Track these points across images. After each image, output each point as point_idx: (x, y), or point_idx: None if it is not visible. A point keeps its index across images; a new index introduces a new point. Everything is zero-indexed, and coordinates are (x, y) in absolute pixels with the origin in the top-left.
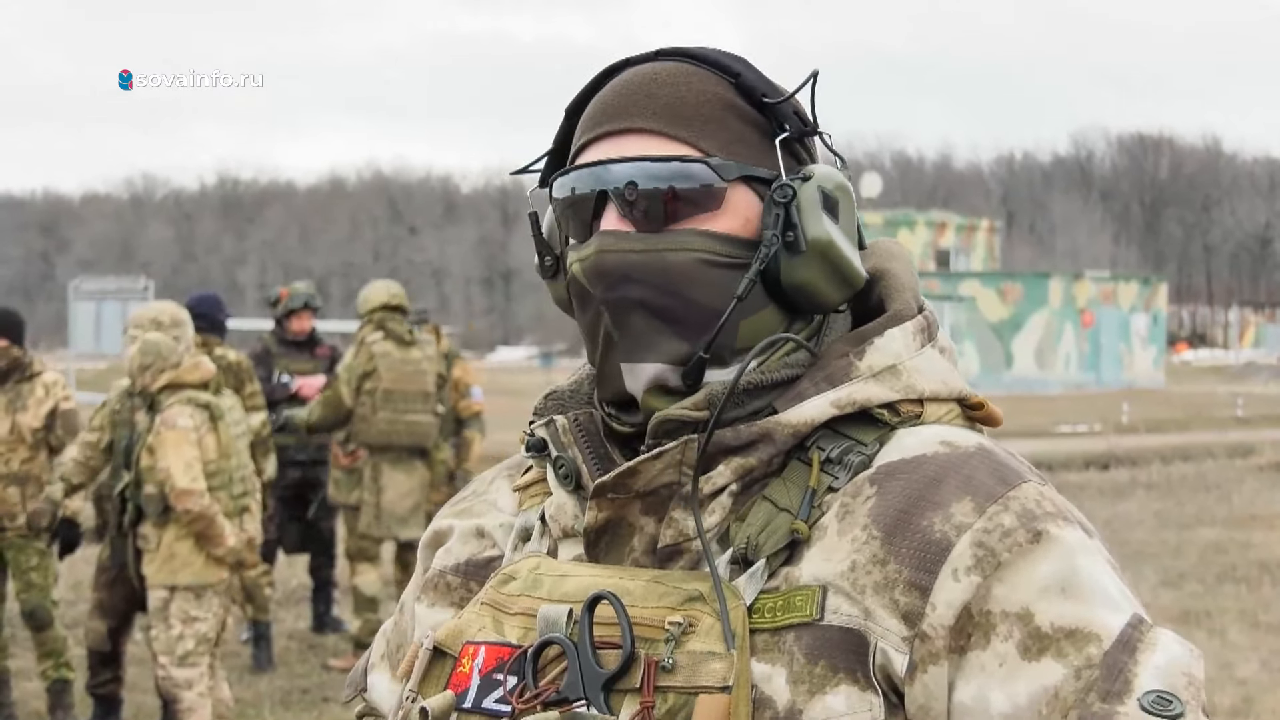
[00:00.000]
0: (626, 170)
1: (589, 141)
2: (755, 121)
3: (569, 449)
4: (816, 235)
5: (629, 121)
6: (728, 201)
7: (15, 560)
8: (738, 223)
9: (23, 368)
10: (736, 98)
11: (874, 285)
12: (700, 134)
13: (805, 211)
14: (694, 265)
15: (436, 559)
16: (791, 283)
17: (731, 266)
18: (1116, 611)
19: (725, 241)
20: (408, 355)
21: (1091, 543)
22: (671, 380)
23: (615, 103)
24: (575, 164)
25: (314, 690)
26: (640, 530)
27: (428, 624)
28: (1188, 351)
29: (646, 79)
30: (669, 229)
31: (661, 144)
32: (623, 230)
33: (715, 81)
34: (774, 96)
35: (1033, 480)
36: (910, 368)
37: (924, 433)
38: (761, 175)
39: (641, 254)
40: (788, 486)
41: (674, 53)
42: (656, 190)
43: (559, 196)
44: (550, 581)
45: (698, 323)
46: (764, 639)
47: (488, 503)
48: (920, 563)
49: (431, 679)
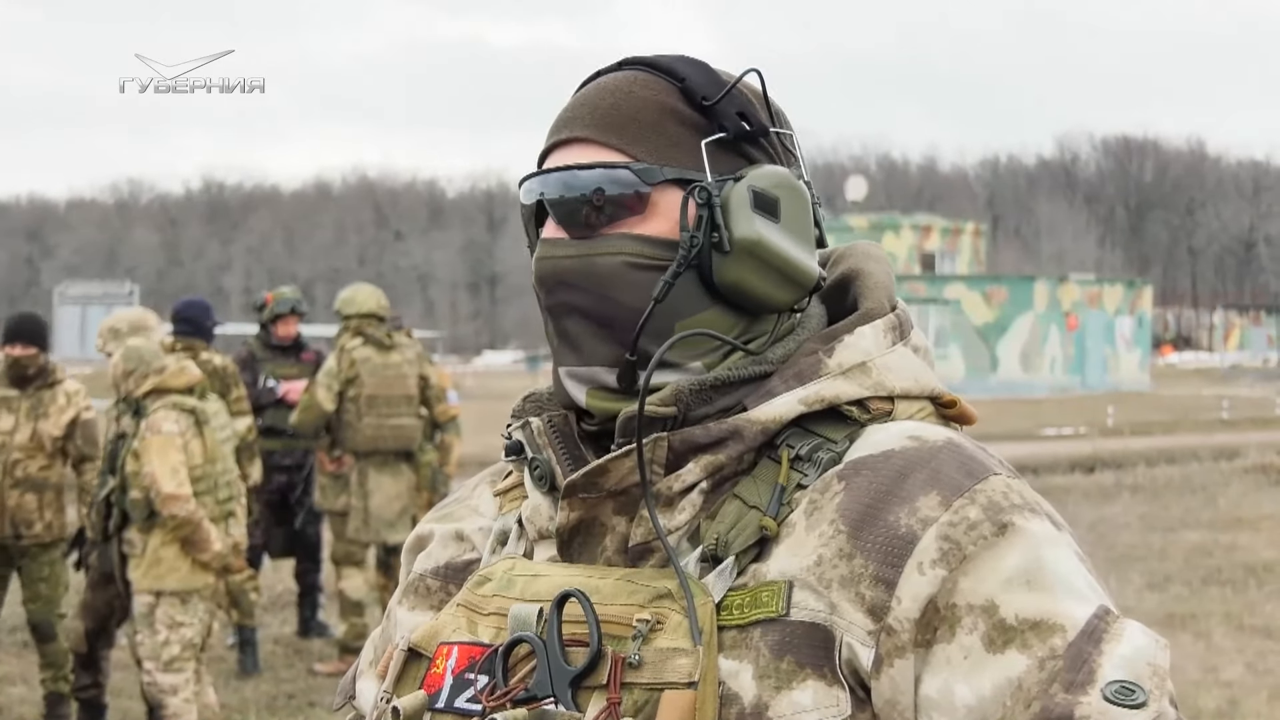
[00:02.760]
0: (555, 180)
1: (545, 152)
2: (695, 124)
3: (544, 450)
4: (744, 235)
5: (571, 131)
6: (655, 205)
7: (28, 569)
8: (667, 225)
9: (45, 374)
10: (679, 103)
11: (850, 286)
12: (632, 140)
13: (731, 211)
14: (620, 268)
15: (417, 563)
16: (724, 282)
17: (659, 268)
18: (1082, 602)
19: (652, 244)
20: (388, 360)
21: (1059, 534)
22: (608, 381)
23: (565, 114)
24: (527, 174)
25: (300, 695)
26: (612, 530)
27: (406, 626)
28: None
29: (597, 90)
30: (599, 234)
31: (595, 151)
32: (558, 237)
33: (661, 87)
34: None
35: (1001, 473)
36: (880, 365)
37: (893, 428)
38: (691, 178)
39: (572, 259)
40: (758, 484)
41: (635, 62)
42: (580, 197)
43: (521, 202)
44: (523, 582)
45: (628, 324)
46: (732, 635)
47: (469, 507)
48: (886, 557)
49: (407, 679)
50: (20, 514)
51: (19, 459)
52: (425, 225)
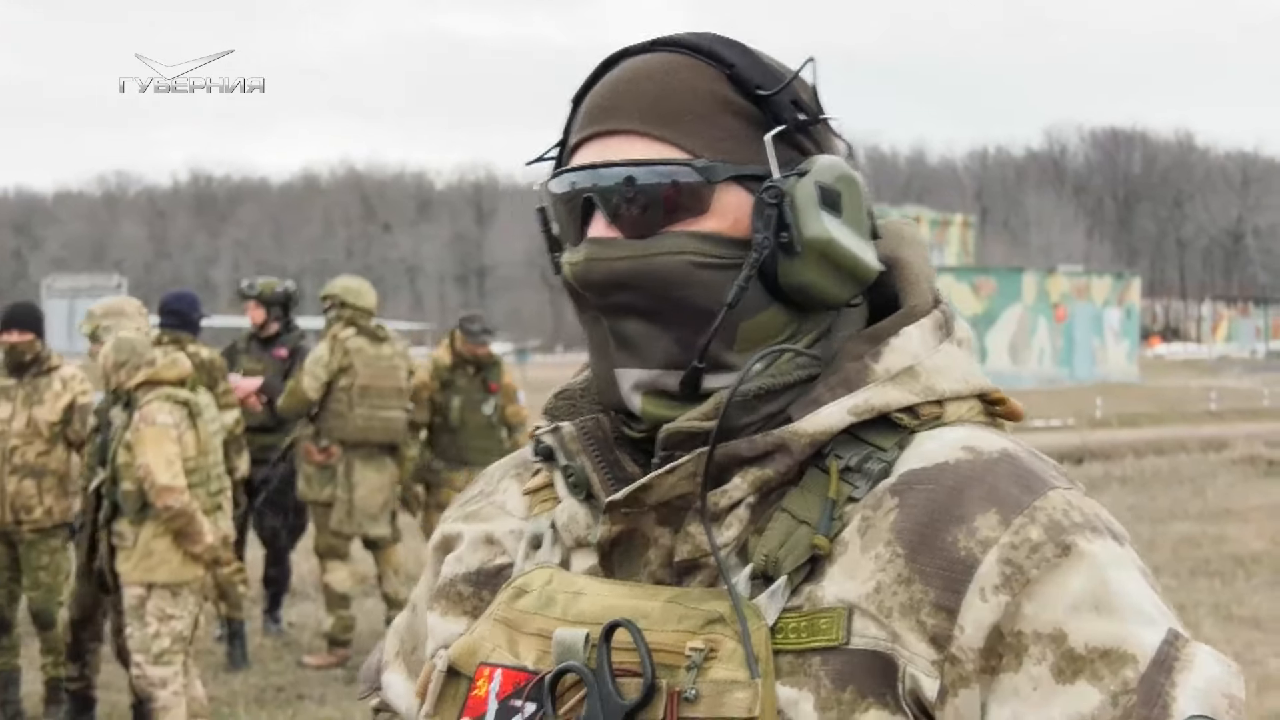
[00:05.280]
0: (609, 176)
1: (580, 142)
2: (749, 115)
3: (577, 457)
4: (814, 235)
5: (615, 122)
6: (716, 202)
7: (26, 557)
8: (727, 223)
9: (41, 361)
10: (730, 91)
11: (889, 273)
12: (686, 133)
13: (800, 210)
14: (684, 268)
15: (446, 566)
16: (790, 284)
17: (723, 267)
18: (1151, 627)
19: (715, 242)
20: (380, 351)
21: (1123, 552)
22: (669, 385)
23: (603, 102)
24: (565, 167)
25: (289, 688)
26: (655, 543)
27: (441, 635)
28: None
29: (635, 75)
30: (657, 233)
31: (646, 146)
32: (609, 237)
33: (708, 74)
34: (771, 87)
35: (1059, 486)
36: (929, 367)
37: (945, 436)
38: (753, 174)
39: (629, 260)
40: (806, 496)
41: (670, 43)
42: (639, 196)
43: (554, 193)
44: (564, 600)
45: (693, 326)
46: (789, 661)
47: (496, 505)
48: (946, 582)
49: (447, 700)
50: (20, 500)
51: (16, 445)
52: (413, 218)
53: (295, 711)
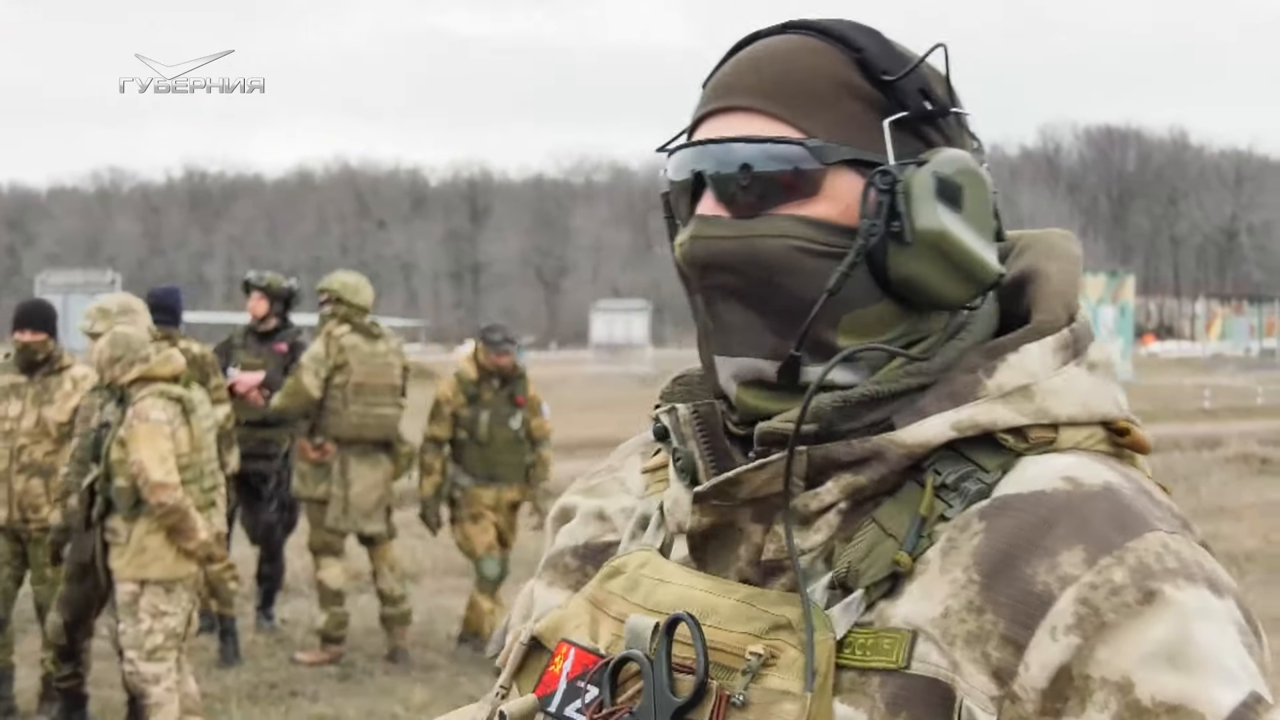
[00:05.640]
0: (716, 152)
1: (699, 119)
2: (874, 101)
3: (688, 441)
4: (927, 225)
5: (733, 99)
6: (828, 186)
7: (34, 554)
8: (838, 209)
9: (53, 361)
10: (855, 75)
11: (1026, 286)
12: (804, 113)
13: (915, 199)
14: (787, 253)
15: (560, 537)
16: (900, 276)
17: (829, 255)
18: (1231, 686)
19: (822, 228)
20: (375, 348)
21: (1217, 604)
22: (767, 374)
23: (724, 80)
24: (680, 144)
25: (281, 685)
26: (748, 539)
27: (543, 603)
28: (1155, 343)
29: (761, 55)
30: (764, 214)
31: (762, 123)
32: (716, 215)
33: (834, 57)
34: (898, 73)
35: (1160, 530)
36: (1046, 389)
37: (1051, 463)
38: (870, 159)
39: (733, 240)
40: (899, 510)
41: (802, 25)
42: (745, 173)
43: (668, 178)
44: (648, 585)
45: (793, 314)
46: (851, 678)
47: (618, 480)
48: (1017, 616)
49: (528, 671)
50: (27, 499)
51: (25, 444)
52: (408, 214)
53: (288, 708)
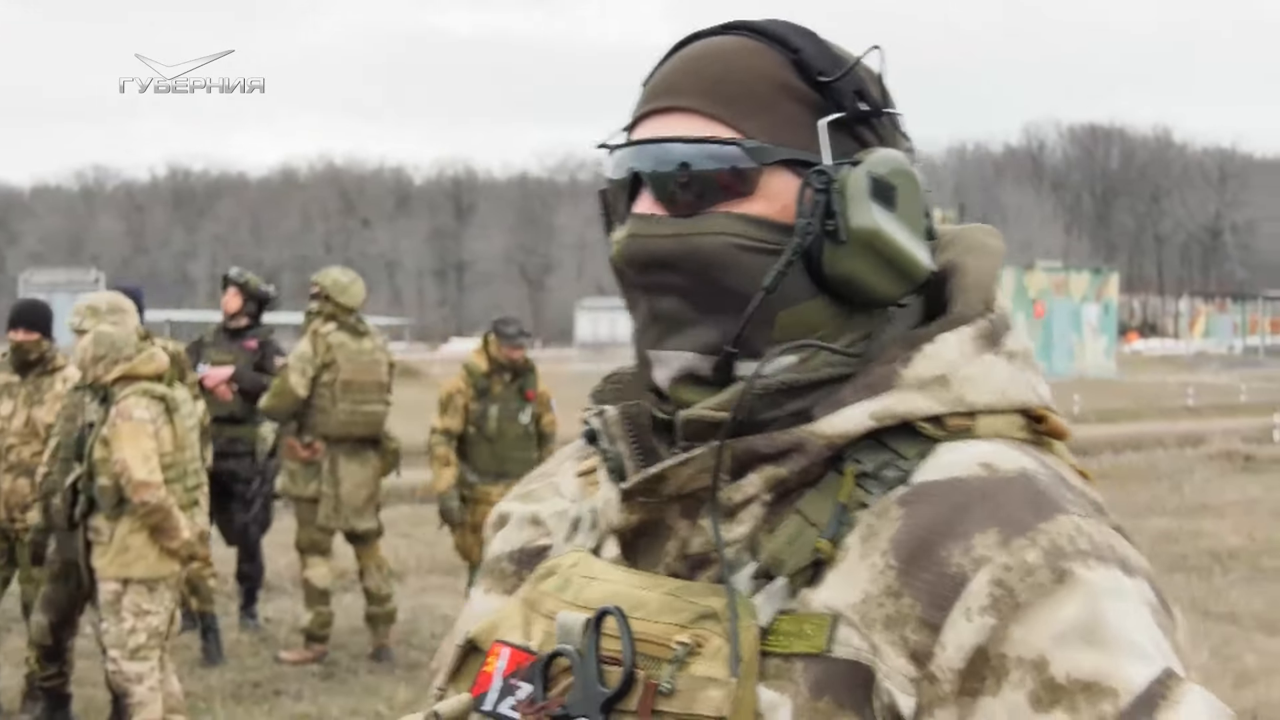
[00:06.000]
0: (654, 152)
1: (637, 119)
2: (810, 102)
3: (616, 442)
4: (861, 224)
5: (672, 99)
6: (764, 185)
7: (21, 554)
8: (775, 207)
9: (46, 361)
10: (793, 76)
11: (947, 280)
12: (742, 114)
13: (850, 199)
14: (726, 249)
15: (495, 543)
16: (835, 274)
17: (766, 252)
18: (1144, 663)
19: (761, 225)
20: (362, 346)
21: (1129, 584)
22: (702, 370)
23: (664, 80)
24: (617, 144)
25: (265, 684)
26: (676, 534)
27: (479, 610)
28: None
29: (699, 55)
30: (702, 213)
31: (700, 124)
32: (654, 214)
33: (772, 58)
34: (834, 74)
35: (1073, 513)
36: (962, 377)
37: (968, 450)
38: (806, 159)
39: (671, 238)
40: (821, 499)
41: (741, 26)
42: (683, 173)
43: (606, 176)
44: (579, 584)
45: (731, 310)
46: (776, 664)
47: (552, 485)
48: (933, 598)
49: (465, 673)
50: (14, 498)
51: (13, 444)
52: (392, 212)
53: (272, 707)
